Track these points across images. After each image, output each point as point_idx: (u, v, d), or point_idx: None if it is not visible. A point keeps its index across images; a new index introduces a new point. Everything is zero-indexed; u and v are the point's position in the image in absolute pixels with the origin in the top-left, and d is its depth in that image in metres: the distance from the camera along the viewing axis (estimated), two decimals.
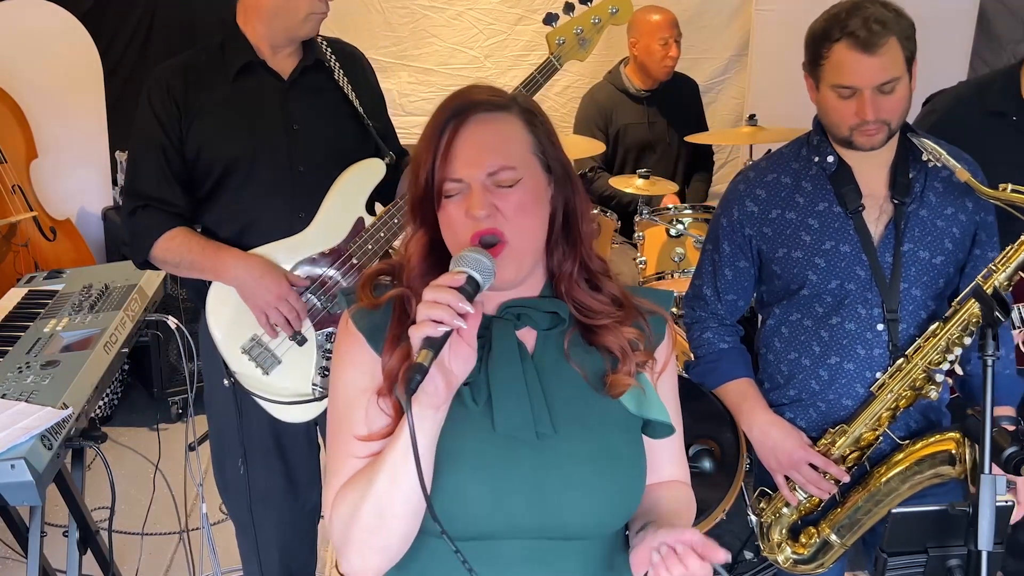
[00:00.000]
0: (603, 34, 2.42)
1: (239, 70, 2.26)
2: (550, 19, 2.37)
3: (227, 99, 2.25)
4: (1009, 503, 1.58)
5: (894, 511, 1.62)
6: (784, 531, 2.07)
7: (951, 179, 1.93)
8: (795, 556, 2.06)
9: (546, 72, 2.34)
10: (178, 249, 2.24)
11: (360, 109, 2.36)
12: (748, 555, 3.07)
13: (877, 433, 1.97)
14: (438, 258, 1.35)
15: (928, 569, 1.61)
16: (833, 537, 2.01)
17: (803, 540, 2.05)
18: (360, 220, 2.31)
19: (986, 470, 1.55)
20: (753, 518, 2.12)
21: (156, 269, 2.35)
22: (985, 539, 1.52)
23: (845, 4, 1.87)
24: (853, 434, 1.96)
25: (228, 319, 2.26)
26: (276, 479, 2.44)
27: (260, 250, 2.26)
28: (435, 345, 1.18)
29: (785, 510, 2.06)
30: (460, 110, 1.32)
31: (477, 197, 1.29)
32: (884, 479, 1.95)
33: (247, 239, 2.27)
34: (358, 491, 1.28)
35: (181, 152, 2.25)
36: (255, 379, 2.28)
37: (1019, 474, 1.66)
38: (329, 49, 2.37)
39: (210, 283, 2.27)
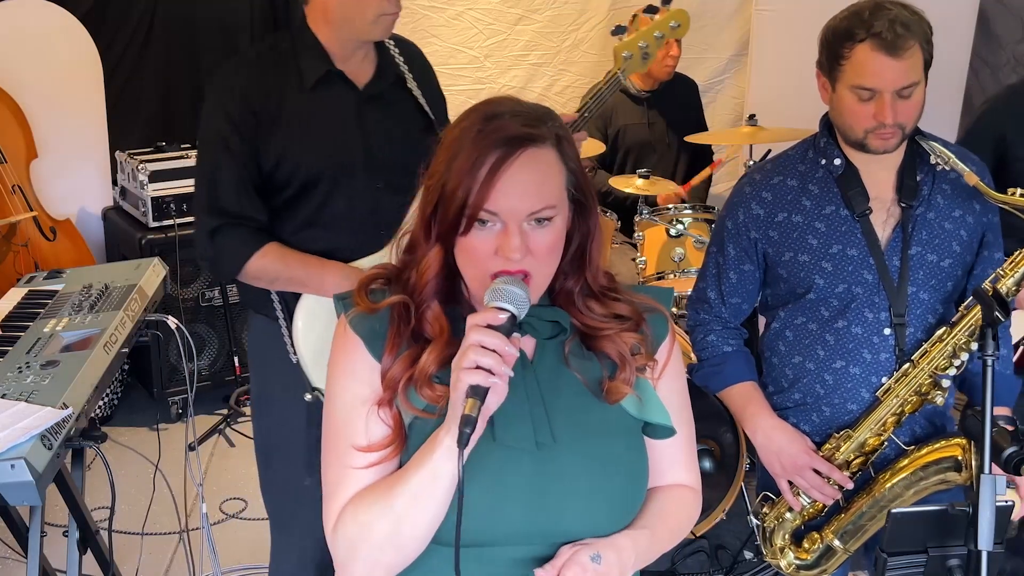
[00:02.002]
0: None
1: (317, 80, 2.20)
2: (618, 31, 2.44)
3: (305, 110, 2.19)
4: (1009, 503, 1.58)
5: (894, 511, 1.62)
6: (787, 536, 2.06)
7: (959, 181, 1.92)
8: (798, 561, 2.05)
9: (612, 86, 2.39)
10: (273, 265, 2.19)
11: (432, 116, 2.32)
12: (748, 555, 3.07)
13: (882, 438, 1.96)
14: (447, 273, 1.34)
15: (928, 569, 1.61)
16: (836, 543, 2.00)
17: (806, 545, 2.04)
18: None
19: (986, 470, 1.55)
20: (755, 521, 2.12)
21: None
22: (985, 539, 1.52)
23: (866, 3, 1.85)
24: (858, 439, 1.95)
25: (318, 340, 2.21)
26: (319, 478, 2.43)
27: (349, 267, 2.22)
28: (481, 393, 1.18)
29: (788, 515, 2.04)
30: (507, 142, 1.25)
31: (514, 239, 1.25)
32: (889, 485, 1.94)
33: (333, 257, 2.21)
34: (371, 511, 1.28)
35: (258, 163, 2.18)
36: None
37: (1019, 474, 1.65)
38: (397, 50, 2.31)
39: (296, 300, 2.22)
